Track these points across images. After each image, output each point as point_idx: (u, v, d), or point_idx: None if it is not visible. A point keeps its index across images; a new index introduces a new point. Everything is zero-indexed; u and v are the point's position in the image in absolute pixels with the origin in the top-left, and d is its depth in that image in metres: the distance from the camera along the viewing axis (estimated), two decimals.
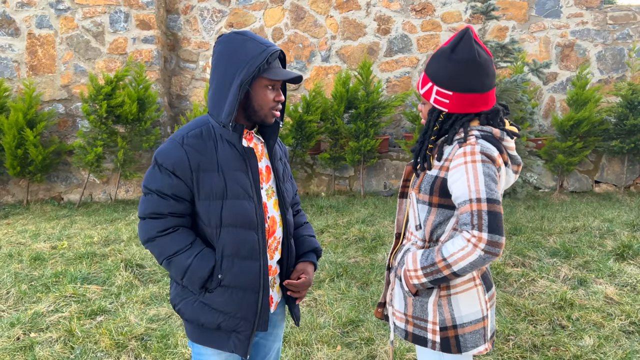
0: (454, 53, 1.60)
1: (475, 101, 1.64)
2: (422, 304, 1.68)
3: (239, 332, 1.77)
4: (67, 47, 7.44)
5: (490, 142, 1.60)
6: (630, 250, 4.46)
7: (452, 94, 1.62)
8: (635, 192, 6.93)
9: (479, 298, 1.68)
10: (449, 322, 1.66)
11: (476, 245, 1.48)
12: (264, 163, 1.86)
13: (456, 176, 1.56)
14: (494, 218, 1.49)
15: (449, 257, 1.54)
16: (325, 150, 7.25)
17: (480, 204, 1.50)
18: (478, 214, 1.49)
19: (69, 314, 3.57)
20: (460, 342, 1.65)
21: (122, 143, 6.87)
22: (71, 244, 5.16)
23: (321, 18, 7.85)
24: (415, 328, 1.71)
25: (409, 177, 1.86)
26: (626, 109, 6.63)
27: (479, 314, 1.67)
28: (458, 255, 1.52)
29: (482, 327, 1.68)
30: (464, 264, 1.52)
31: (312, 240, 2.00)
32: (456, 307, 1.66)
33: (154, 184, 1.74)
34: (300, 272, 1.90)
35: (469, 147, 1.57)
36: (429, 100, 1.69)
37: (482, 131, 1.64)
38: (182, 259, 1.72)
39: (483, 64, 1.60)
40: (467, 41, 1.60)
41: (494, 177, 1.53)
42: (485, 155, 1.55)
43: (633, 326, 3.28)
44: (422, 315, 1.68)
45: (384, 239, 5.08)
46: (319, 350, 3.08)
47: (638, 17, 7.34)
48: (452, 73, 1.61)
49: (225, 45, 1.73)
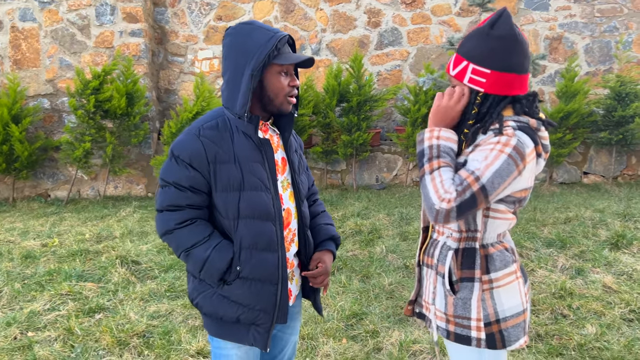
0: (493, 29, 1.54)
1: (513, 82, 1.56)
2: (464, 302, 1.63)
3: (258, 324, 1.74)
4: (51, 40, 7.27)
5: (527, 134, 1.53)
6: (624, 239, 4.53)
7: (489, 72, 1.54)
8: (623, 183, 7.04)
9: (520, 290, 1.65)
10: (493, 317, 1.61)
11: (444, 200, 1.48)
12: (279, 154, 1.83)
13: (477, 155, 1.52)
14: (470, 202, 1.48)
15: (437, 175, 1.53)
16: (317, 144, 7.21)
17: (475, 183, 1.47)
18: (466, 187, 1.48)
19: (66, 312, 3.49)
20: (504, 336, 1.61)
21: (110, 138, 6.75)
22: (62, 241, 5.06)
23: (311, 11, 7.80)
24: (457, 327, 1.65)
25: None
26: (614, 101, 6.71)
27: (520, 306, 1.65)
28: (437, 185, 1.52)
29: (523, 319, 1.65)
30: (429, 188, 1.53)
31: (329, 229, 1.98)
32: (499, 301, 1.62)
33: (171, 176, 1.70)
34: (317, 262, 1.87)
35: (504, 138, 1.51)
36: (463, 80, 1.60)
37: (519, 122, 1.56)
38: (200, 251, 1.69)
39: (522, 43, 1.55)
40: (507, 18, 1.55)
41: (506, 175, 1.49)
42: (516, 152, 1.49)
43: (633, 314, 3.33)
44: (465, 313, 1.63)
45: (381, 232, 5.08)
46: (325, 344, 3.07)
47: (625, 10, 7.43)
48: (490, 49, 1.54)
49: (233, 36, 1.70)
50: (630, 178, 7.19)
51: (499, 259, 1.63)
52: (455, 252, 1.64)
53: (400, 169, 7.36)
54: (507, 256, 1.64)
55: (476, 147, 1.57)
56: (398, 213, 5.67)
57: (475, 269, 1.62)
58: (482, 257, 1.62)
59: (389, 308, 3.52)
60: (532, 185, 1.60)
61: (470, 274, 1.62)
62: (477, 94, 1.59)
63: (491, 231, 1.62)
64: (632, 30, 7.44)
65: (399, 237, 4.97)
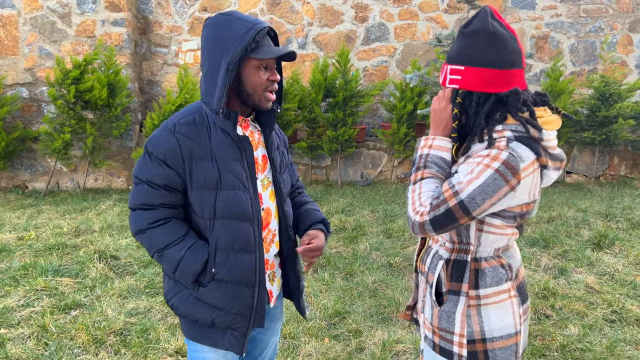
0: (467, 27, 1.50)
1: (494, 79, 1.45)
2: (448, 315, 1.55)
3: (234, 328, 1.68)
4: (31, 28, 7.08)
5: (527, 145, 1.42)
6: (607, 239, 4.55)
7: (463, 68, 1.48)
8: (605, 183, 7.10)
9: (513, 311, 1.54)
10: (478, 335, 1.52)
11: (418, 212, 1.49)
12: (260, 152, 1.76)
13: (464, 167, 1.46)
14: (446, 217, 1.45)
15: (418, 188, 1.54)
16: (302, 139, 7.14)
17: (452, 197, 1.43)
18: (441, 202, 1.45)
19: (41, 309, 3.39)
20: (489, 357, 1.51)
21: (91, 129, 6.60)
22: (39, 235, 4.93)
23: (298, 4, 7.70)
24: (441, 340, 1.58)
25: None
26: (598, 101, 6.75)
27: (512, 328, 1.53)
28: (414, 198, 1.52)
29: (514, 342, 1.54)
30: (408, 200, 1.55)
31: (319, 214, 1.93)
32: (486, 319, 1.52)
33: (144, 174, 1.63)
34: (312, 237, 1.80)
35: (494, 151, 1.41)
36: (444, 84, 1.55)
37: (516, 131, 1.45)
38: (174, 251, 1.63)
39: (499, 36, 1.45)
40: (482, 15, 1.49)
41: (492, 192, 1.40)
42: (506, 166, 1.39)
43: (615, 315, 3.33)
44: (449, 327, 1.55)
45: (365, 229, 5.04)
46: (307, 343, 3.02)
47: (610, 11, 7.47)
48: (462, 46, 1.49)
49: (211, 27, 1.63)
50: (612, 178, 7.25)
51: (491, 275, 1.53)
52: (446, 262, 1.57)
53: (385, 165, 7.33)
54: (500, 273, 1.54)
55: (467, 158, 1.50)
56: (382, 210, 5.63)
57: (463, 282, 1.54)
58: (472, 270, 1.53)
59: (372, 307, 3.48)
60: (535, 199, 1.50)
61: (457, 287, 1.54)
62: (456, 93, 1.53)
63: (486, 245, 1.53)
64: (617, 31, 7.49)
65: (383, 234, 4.93)
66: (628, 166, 7.25)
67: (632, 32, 7.49)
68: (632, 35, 7.50)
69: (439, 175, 1.53)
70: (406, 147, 6.89)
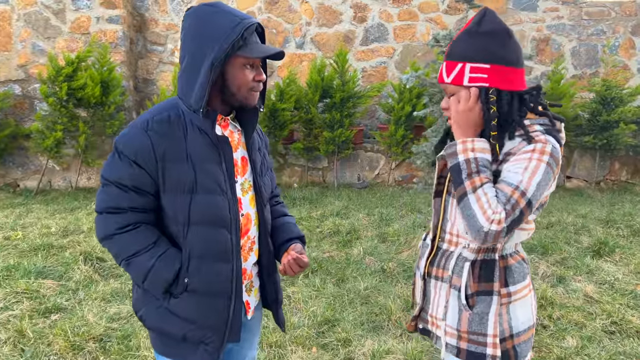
0: (481, 26, 1.48)
1: (514, 77, 1.49)
2: (480, 317, 1.52)
3: (207, 343, 1.56)
4: (24, 24, 6.97)
5: (554, 137, 1.47)
6: (607, 247, 4.43)
7: (489, 66, 1.47)
8: (606, 188, 6.98)
9: (532, 304, 1.59)
10: (507, 332, 1.53)
11: (493, 221, 1.38)
12: (239, 153, 1.64)
13: (515, 166, 1.43)
14: (519, 219, 1.41)
15: (483, 194, 1.42)
16: (298, 140, 7.03)
17: (521, 198, 1.40)
18: (514, 205, 1.39)
19: (20, 312, 3.28)
20: (517, 352, 1.53)
21: (83, 128, 6.49)
22: (26, 235, 4.82)
23: (296, 3, 7.60)
24: (470, 344, 1.54)
25: (444, 173, 1.65)
26: (599, 105, 6.64)
27: (531, 320, 1.58)
28: (484, 204, 1.40)
29: (532, 334, 1.59)
30: (474, 209, 1.41)
31: (297, 229, 1.82)
32: (514, 316, 1.54)
33: (113, 174, 1.52)
34: (300, 253, 1.67)
35: (539, 145, 1.43)
36: (462, 82, 1.49)
37: (545, 125, 1.50)
38: (143, 259, 1.51)
39: (512, 35, 1.49)
40: (491, 14, 1.50)
41: (545, 185, 1.43)
42: (553, 159, 1.43)
43: (614, 326, 3.22)
44: (481, 329, 1.52)
45: (359, 233, 4.92)
46: (294, 353, 2.90)
47: (612, 14, 7.36)
48: (484, 44, 1.47)
49: (193, 19, 1.51)
50: (613, 183, 7.14)
51: (518, 270, 1.56)
52: (472, 264, 1.53)
53: (382, 168, 7.21)
54: (525, 268, 1.58)
55: (507, 156, 1.48)
56: (378, 213, 5.52)
57: (494, 281, 1.52)
58: (501, 269, 1.54)
59: (363, 314, 3.36)
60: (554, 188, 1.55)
61: (489, 286, 1.52)
62: (487, 92, 1.49)
63: (512, 241, 1.55)
64: (619, 34, 7.38)
65: (378, 238, 4.82)
66: (629, 172, 7.13)
67: (635, 35, 7.37)
68: (634, 39, 7.38)
69: (491, 178, 1.47)
70: (404, 150, 6.77)
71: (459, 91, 1.52)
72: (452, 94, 1.55)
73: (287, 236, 1.77)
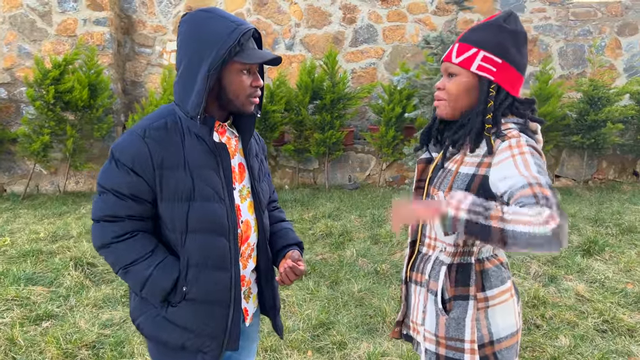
0: (507, 23, 1.49)
1: (517, 82, 1.50)
2: (457, 322, 1.48)
3: (205, 352, 1.55)
4: (10, 27, 6.88)
5: (528, 136, 1.45)
6: (596, 245, 4.47)
7: (501, 62, 1.47)
8: (594, 187, 7.05)
9: (514, 309, 1.53)
10: (487, 338, 1.48)
11: (548, 222, 1.15)
12: (237, 160, 1.63)
13: (505, 172, 1.32)
14: (558, 204, 1.22)
15: (512, 214, 1.18)
16: (289, 141, 7.02)
17: (543, 188, 1.23)
18: (544, 197, 1.21)
19: (10, 320, 3.23)
20: (498, 359, 1.49)
21: (71, 131, 6.42)
22: (14, 240, 4.76)
23: (285, 4, 7.58)
24: (448, 350, 1.50)
25: (423, 177, 1.63)
26: (587, 105, 6.70)
27: (514, 326, 1.52)
28: (523, 218, 1.17)
29: (516, 341, 1.53)
30: (522, 230, 1.16)
31: (295, 235, 1.81)
32: (493, 321, 1.49)
33: (109, 182, 1.49)
34: (298, 260, 1.66)
35: (514, 140, 1.40)
36: (470, 67, 1.48)
37: (518, 123, 1.48)
38: (141, 268, 1.49)
39: (527, 43, 1.52)
40: (516, 17, 1.52)
41: (544, 170, 1.34)
42: (532, 147, 1.39)
43: (606, 324, 3.25)
44: (458, 335, 1.48)
45: (352, 235, 4.92)
46: (289, 357, 2.89)
47: (599, 14, 7.45)
48: (505, 40, 1.47)
49: (189, 24, 1.49)
50: (601, 182, 7.21)
51: (495, 275, 1.51)
52: (448, 268, 1.50)
53: (373, 168, 7.23)
54: (503, 272, 1.53)
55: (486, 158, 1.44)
56: (370, 215, 5.52)
57: (470, 285, 1.48)
58: (477, 272, 1.49)
59: (357, 317, 3.36)
60: None
61: (465, 291, 1.49)
62: (489, 84, 1.48)
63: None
64: (606, 35, 7.46)
65: (370, 240, 4.82)
66: (617, 170, 7.22)
67: (621, 35, 7.46)
68: (620, 39, 7.47)
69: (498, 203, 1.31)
70: (394, 150, 6.79)
71: (461, 73, 1.50)
72: (453, 74, 1.51)
73: (285, 242, 1.76)
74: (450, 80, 1.52)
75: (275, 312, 1.76)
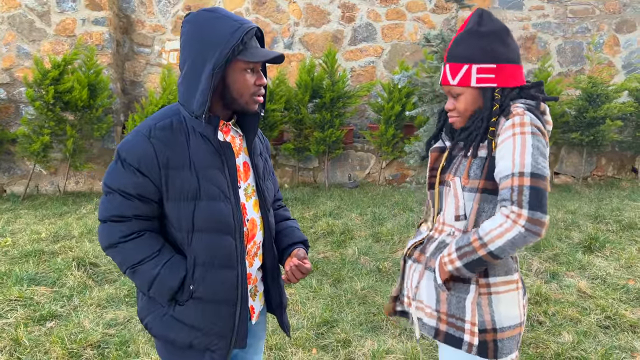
0: (481, 26, 1.53)
1: (517, 73, 1.55)
2: (458, 301, 1.54)
3: (213, 350, 1.56)
4: (8, 27, 6.87)
5: (535, 115, 1.49)
6: (597, 242, 4.49)
7: (495, 66, 1.52)
8: (593, 184, 7.08)
9: (519, 302, 1.57)
10: (489, 325, 1.52)
11: (515, 221, 1.37)
12: (241, 159, 1.63)
13: (503, 151, 1.44)
14: (535, 194, 1.37)
15: (485, 235, 1.41)
16: (289, 140, 7.02)
17: (523, 178, 1.38)
18: (519, 190, 1.38)
19: (14, 320, 3.23)
20: (498, 347, 1.53)
21: (71, 131, 6.41)
22: (16, 241, 4.75)
23: (284, 3, 7.58)
24: (449, 327, 1.56)
25: (436, 165, 1.69)
26: (586, 102, 6.72)
27: (517, 318, 1.56)
28: (495, 233, 1.40)
29: (518, 332, 1.57)
30: (501, 242, 1.39)
31: (301, 233, 1.82)
32: (496, 309, 1.53)
33: (116, 182, 1.50)
34: (304, 259, 1.68)
35: (517, 118, 1.45)
36: (470, 84, 1.54)
37: (526, 104, 1.53)
38: (148, 267, 1.50)
39: (511, 34, 1.56)
40: (488, 13, 1.55)
41: (543, 151, 1.42)
42: (535, 127, 1.44)
43: (609, 320, 3.26)
44: (459, 314, 1.54)
45: (353, 233, 4.93)
46: (294, 355, 2.90)
47: (597, 12, 7.46)
48: (487, 45, 1.51)
49: (192, 25, 1.49)
50: (600, 179, 7.24)
51: (502, 264, 1.55)
52: None
53: (373, 167, 7.24)
54: (510, 263, 1.57)
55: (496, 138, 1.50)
56: (371, 213, 5.53)
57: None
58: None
59: (361, 315, 3.37)
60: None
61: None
62: (492, 90, 1.54)
63: None
64: (604, 32, 7.48)
65: (372, 238, 4.83)
66: (615, 167, 7.24)
67: (619, 32, 7.48)
68: (618, 36, 7.49)
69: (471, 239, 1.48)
70: (394, 149, 6.80)
71: (465, 91, 1.56)
72: (457, 94, 1.58)
73: (290, 240, 1.77)
74: (457, 100, 1.59)
75: (282, 310, 1.77)
